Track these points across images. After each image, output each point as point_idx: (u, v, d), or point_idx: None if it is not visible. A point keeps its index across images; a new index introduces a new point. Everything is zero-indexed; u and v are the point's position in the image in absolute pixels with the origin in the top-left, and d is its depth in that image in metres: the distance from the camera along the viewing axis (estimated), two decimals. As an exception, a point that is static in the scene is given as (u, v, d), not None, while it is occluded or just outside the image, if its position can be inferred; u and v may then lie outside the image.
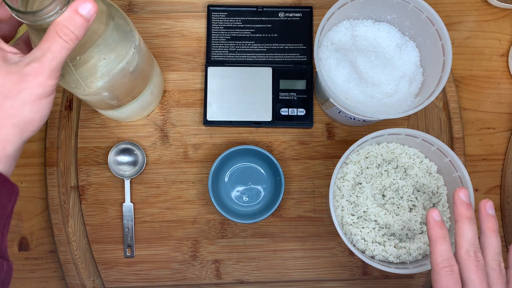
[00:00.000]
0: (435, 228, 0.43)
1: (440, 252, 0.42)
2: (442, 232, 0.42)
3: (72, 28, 0.35)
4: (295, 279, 0.61)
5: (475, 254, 0.41)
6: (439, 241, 0.42)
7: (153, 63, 0.56)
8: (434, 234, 0.43)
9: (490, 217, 0.43)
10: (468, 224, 0.42)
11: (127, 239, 0.60)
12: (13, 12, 0.35)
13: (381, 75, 0.55)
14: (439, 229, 0.43)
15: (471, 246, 0.41)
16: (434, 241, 0.42)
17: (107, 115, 0.59)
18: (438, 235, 0.42)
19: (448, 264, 0.41)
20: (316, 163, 0.62)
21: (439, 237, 0.42)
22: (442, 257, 0.41)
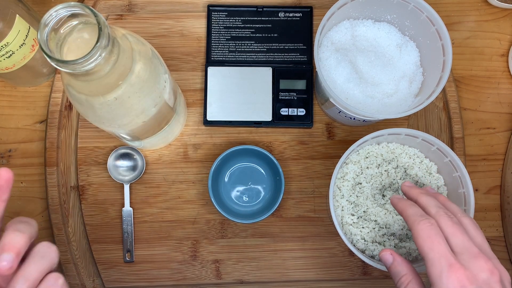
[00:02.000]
0: (400, 202, 0.43)
1: (412, 213, 0.41)
2: (408, 202, 0.43)
3: None
4: (295, 279, 0.61)
5: (445, 213, 0.41)
6: (407, 207, 0.42)
7: (178, 90, 0.56)
8: (401, 206, 0.43)
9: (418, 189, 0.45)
10: (425, 196, 0.43)
11: (126, 244, 0.60)
12: (52, 62, 0.35)
13: (381, 75, 0.55)
14: (404, 201, 0.43)
15: (439, 208, 0.41)
16: (403, 209, 0.42)
17: (132, 145, 0.60)
18: (405, 204, 0.43)
19: (423, 217, 0.40)
20: (316, 163, 0.62)
21: (407, 205, 0.42)
22: (415, 215, 0.41)
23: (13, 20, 0.52)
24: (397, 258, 0.43)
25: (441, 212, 0.41)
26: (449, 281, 0.37)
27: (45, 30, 0.36)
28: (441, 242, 0.39)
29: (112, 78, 0.39)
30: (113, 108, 0.42)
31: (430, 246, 0.38)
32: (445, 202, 0.44)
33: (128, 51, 0.40)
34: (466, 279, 0.37)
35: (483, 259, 0.38)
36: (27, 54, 0.56)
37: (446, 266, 0.37)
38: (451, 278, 0.37)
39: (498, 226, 0.62)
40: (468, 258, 0.38)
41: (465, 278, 0.37)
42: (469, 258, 0.38)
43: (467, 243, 0.39)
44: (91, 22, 0.38)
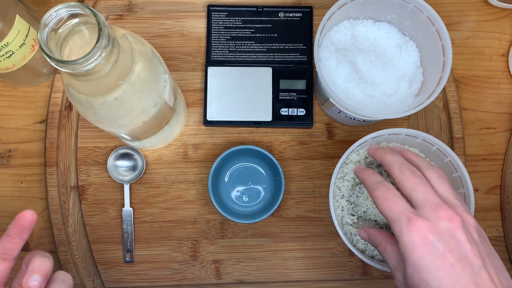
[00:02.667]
0: (362, 172, 0.44)
1: (371, 181, 0.42)
2: (369, 171, 0.44)
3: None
4: (295, 279, 0.61)
5: (408, 168, 0.41)
6: (368, 175, 0.43)
7: (178, 90, 0.56)
8: (362, 175, 0.44)
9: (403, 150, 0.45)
10: (389, 153, 0.43)
11: (126, 244, 0.60)
12: (52, 62, 0.35)
13: (381, 75, 0.56)
14: (365, 170, 0.44)
15: (401, 164, 0.42)
16: (364, 178, 0.43)
17: (132, 145, 0.60)
18: (366, 173, 0.44)
19: (380, 185, 0.41)
20: (316, 163, 0.62)
21: (367, 174, 0.43)
22: (374, 183, 0.42)
23: (13, 20, 0.52)
24: (370, 231, 0.45)
25: (404, 168, 0.41)
26: (410, 235, 0.37)
27: (45, 30, 0.36)
28: (398, 201, 0.39)
29: (112, 78, 0.39)
30: (113, 108, 0.42)
31: (388, 207, 0.39)
32: (412, 157, 0.44)
33: (128, 51, 0.40)
34: (426, 229, 0.37)
35: (442, 208, 0.38)
36: (27, 54, 0.56)
37: (405, 221, 0.38)
38: (411, 231, 0.37)
39: (498, 226, 0.62)
40: (429, 210, 0.38)
41: (424, 229, 0.37)
42: (429, 210, 0.38)
43: (428, 196, 0.39)
44: (91, 22, 0.37)
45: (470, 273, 0.36)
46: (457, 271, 0.36)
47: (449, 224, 0.37)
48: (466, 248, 0.37)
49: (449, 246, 0.37)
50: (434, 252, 0.37)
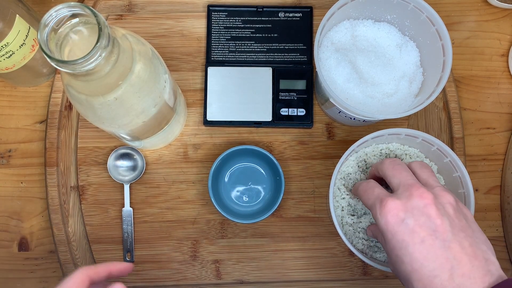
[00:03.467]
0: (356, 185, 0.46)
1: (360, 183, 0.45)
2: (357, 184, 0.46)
3: None
4: (295, 279, 0.61)
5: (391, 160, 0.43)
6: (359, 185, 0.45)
7: (178, 90, 0.56)
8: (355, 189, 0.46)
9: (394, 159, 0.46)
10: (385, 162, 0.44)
11: (126, 244, 0.60)
12: (52, 62, 0.35)
13: (381, 75, 0.56)
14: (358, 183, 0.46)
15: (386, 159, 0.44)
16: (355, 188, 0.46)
17: (132, 145, 0.60)
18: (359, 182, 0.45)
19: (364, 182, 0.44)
20: (316, 163, 0.62)
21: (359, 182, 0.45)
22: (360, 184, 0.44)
23: (13, 20, 0.52)
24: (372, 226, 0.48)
25: (385, 160, 0.44)
26: (382, 216, 0.39)
27: (45, 30, 0.36)
28: (375, 189, 0.41)
29: (112, 78, 0.39)
30: (113, 108, 0.42)
31: (366, 197, 0.42)
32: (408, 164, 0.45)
33: (128, 51, 0.40)
34: (396, 208, 0.39)
35: (413, 188, 0.39)
36: (27, 54, 0.56)
37: (379, 204, 0.40)
38: (383, 212, 0.39)
39: (498, 226, 0.62)
40: (402, 191, 0.40)
41: (394, 208, 0.39)
42: (402, 190, 0.40)
43: (404, 179, 0.40)
44: (91, 22, 0.38)
45: (440, 246, 0.37)
46: (427, 245, 0.37)
47: (419, 201, 0.38)
48: (437, 223, 0.38)
49: (419, 222, 0.38)
50: (405, 228, 0.38)
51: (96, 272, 0.42)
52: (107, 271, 0.43)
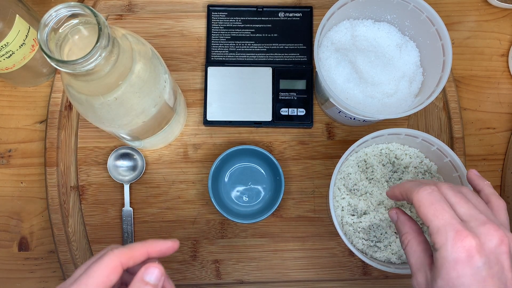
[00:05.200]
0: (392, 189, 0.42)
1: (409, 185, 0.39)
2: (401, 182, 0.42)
3: None
4: (295, 279, 0.61)
5: (446, 183, 0.39)
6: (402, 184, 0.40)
7: (178, 90, 0.56)
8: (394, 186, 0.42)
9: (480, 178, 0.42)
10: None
11: (126, 244, 0.60)
12: (52, 62, 0.35)
13: (381, 75, 0.56)
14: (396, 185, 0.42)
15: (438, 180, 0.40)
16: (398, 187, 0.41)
17: (132, 145, 0.60)
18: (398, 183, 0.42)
19: (423, 185, 0.38)
20: (316, 163, 0.62)
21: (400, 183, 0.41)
22: (414, 185, 0.39)
23: (13, 20, 0.52)
24: (401, 216, 0.42)
25: (441, 182, 0.39)
26: (455, 249, 0.34)
27: (45, 30, 0.36)
28: (446, 208, 0.36)
29: (112, 78, 0.39)
30: (113, 108, 0.42)
31: (434, 213, 0.36)
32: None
33: (128, 51, 0.40)
34: (474, 248, 0.34)
35: (492, 226, 0.35)
36: (27, 54, 0.56)
37: (453, 232, 0.34)
38: (457, 245, 0.34)
39: (498, 226, 0.62)
40: (477, 225, 0.35)
41: (472, 247, 0.34)
42: (477, 225, 0.35)
43: (473, 211, 0.36)
44: (91, 22, 0.38)
45: None
46: None
47: (498, 245, 0.35)
48: (508, 277, 0.35)
49: (492, 272, 0.34)
50: (476, 275, 0.34)
51: (131, 257, 0.35)
52: (145, 254, 0.36)
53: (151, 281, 0.33)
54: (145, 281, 0.33)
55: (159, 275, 0.33)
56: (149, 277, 0.33)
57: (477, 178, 0.42)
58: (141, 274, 0.33)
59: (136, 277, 0.33)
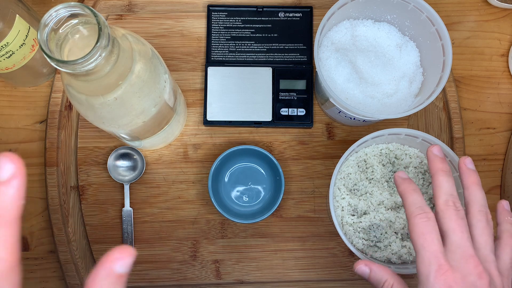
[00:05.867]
0: (403, 184, 0.42)
1: (412, 202, 0.40)
2: (411, 186, 0.41)
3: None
4: (295, 279, 0.61)
5: (454, 204, 0.40)
6: (409, 193, 0.41)
7: (178, 90, 0.56)
8: (403, 189, 0.42)
9: (471, 171, 0.43)
10: (444, 176, 0.41)
11: (126, 244, 0.60)
12: (52, 62, 0.35)
13: (381, 75, 0.56)
14: (407, 184, 0.42)
15: (450, 196, 0.40)
16: (404, 194, 0.41)
17: (132, 145, 0.60)
18: (408, 188, 0.41)
19: (421, 211, 0.39)
20: (316, 163, 0.62)
21: (409, 190, 0.41)
22: (415, 205, 0.40)
23: (13, 20, 0.52)
24: (373, 266, 0.42)
25: (450, 203, 0.40)
26: (436, 282, 0.37)
27: (45, 30, 0.36)
28: (434, 240, 0.38)
29: (112, 78, 0.39)
30: (113, 108, 0.42)
31: (422, 243, 0.38)
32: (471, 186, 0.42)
33: (128, 51, 0.40)
34: (453, 281, 0.37)
35: (473, 262, 0.37)
36: (27, 54, 0.56)
37: (435, 266, 0.37)
38: (438, 279, 0.37)
39: (498, 226, 0.62)
40: (460, 258, 0.38)
41: (451, 281, 0.37)
42: (460, 257, 0.38)
43: (464, 242, 0.38)
44: (91, 22, 0.37)
45: None
46: None
47: (477, 280, 0.37)
48: None
49: None
50: None
51: None
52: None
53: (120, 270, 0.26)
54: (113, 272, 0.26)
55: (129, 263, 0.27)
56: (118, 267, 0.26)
57: (502, 211, 0.43)
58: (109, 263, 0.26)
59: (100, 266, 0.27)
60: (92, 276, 0.26)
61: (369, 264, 0.43)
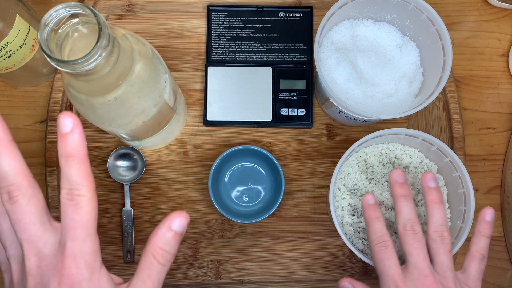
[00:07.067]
0: (368, 210, 0.46)
1: (374, 231, 0.45)
2: (375, 213, 0.45)
3: (169, 249, 0.33)
4: (295, 279, 0.61)
5: (412, 228, 0.44)
6: (372, 221, 0.45)
7: (178, 90, 0.56)
8: (368, 216, 0.46)
9: (431, 189, 0.46)
10: (402, 201, 0.45)
11: (126, 244, 0.60)
12: (52, 62, 0.35)
13: (381, 75, 0.56)
14: (372, 211, 0.46)
15: (408, 220, 0.44)
16: (368, 222, 0.45)
17: (132, 145, 0.60)
18: (372, 216, 0.45)
19: (381, 240, 0.44)
20: (316, 163, 0.62)
21: (372, 218, 0.45)
22: (375, 235, 0.44)
23: (13, 20, 0.52)
24: (357, 284, 0.47)
25: (408, 227, 0.44)
26: None
27: (45, 30, 0.36)
28: (392, 265, 0.43)
29: (112, 78, 0.39)
30: (113, 108, 0.42)
31: (382, 269, 0.43)
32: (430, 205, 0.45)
33: (128, 51, 0.40)
34: None
35: (429, 281, 0.42)
36: (27, 54, 0.56)
37: (393, 285, 0.42)
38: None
39: (498, 226, 0.62)
40: (416, 278, 0.42)
41: None
42: (417, 278, 0.42)
43: (420, 263, 0.42)
44: (91, 22, 0.37)
45: None
46: None
47: None
48: None
49: None
50: None
51: None
52: None
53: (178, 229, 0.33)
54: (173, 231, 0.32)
55: (184, 224, 0.33)
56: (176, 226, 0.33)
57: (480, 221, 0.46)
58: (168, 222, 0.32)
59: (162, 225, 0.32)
60: (154, 231, 0.32)
61: (353, 282, 0.47)
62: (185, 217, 0.33)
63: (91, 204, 0.30)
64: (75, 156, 0.30)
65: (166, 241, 0.32)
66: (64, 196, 0.30)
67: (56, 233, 0.31)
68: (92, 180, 0.30)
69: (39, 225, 0.30)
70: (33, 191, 0.32)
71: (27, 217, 0.30)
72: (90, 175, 0.31)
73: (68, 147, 0.30)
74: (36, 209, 0.31)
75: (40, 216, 0.31)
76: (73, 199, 0.30)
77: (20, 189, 0.31)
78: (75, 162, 0.30)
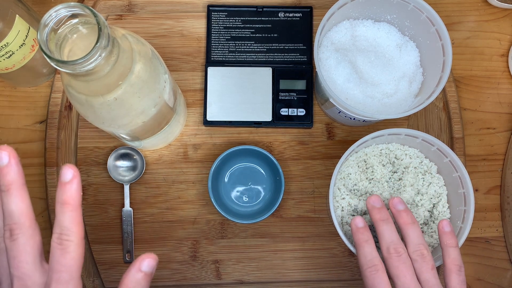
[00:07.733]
0: (358, 234, 0.46)
1: (363, 254, 0.45)
2: (364, 237, 0.45)
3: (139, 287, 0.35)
4: (295, 280, 0.61)
5: (395, 250, 0.44)
6: (361, 245, 0.45)
7: (178, 90, 0.56)
8: (357, 239, 0.46)
9: (401, 212, 0.46)
10: (383, 225, 0.46)
11: (126, 244, 0.60)
12: (52, 62, 0.35)
13: (381, 75, 0.56)
14: (361, 234, 0.46)
15: (390, 243, 0.44)
16: (358, 245, 0.45)
17: (132, 145, 0.60)
18: (361, 239, 0.45)
19: (371, 264, 0.44)
20: (316, 163, 0.62)
21: (362, 242, 0.45)
22: (365, 259, 0.44)
23: (13, 20, 0.52)
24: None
25: (391, 250, 0.44)
26: None
27: (45, 31, 0.36)
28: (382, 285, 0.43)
29: (112, 78, 0.39)
30: (113, 108, 0.42)
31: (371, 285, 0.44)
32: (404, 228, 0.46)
33: (128, 51, 0.40)
34: None
35: None
36: (27, 54, 0.56)
37: None
38: None
39: (498, 226, 0.62)
40: None
41: None
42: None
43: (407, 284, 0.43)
44: (91, 22, 0.37)
45: None
46: None
47: None
48: None
49: None
50: None
51: None
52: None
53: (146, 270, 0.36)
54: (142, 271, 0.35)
55: (152, 264, 0.36)
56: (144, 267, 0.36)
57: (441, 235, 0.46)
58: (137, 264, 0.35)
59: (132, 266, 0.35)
60: (126, 273, 0.35)
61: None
62: (153, 258, 0.36)
63: (78, 250, 0.33)
64: (70, 203, 0.32)
65: (137, 282, 0.35)
66: (54, 240, 0.32)
67: (45, 274, 0.33)
68: (82, 228, 0.33)
69: (31, 265, 0.33)
70: (33, 232, 0.33)
71: (22, 255, 0.32)
72: (80, 223, 0.33)
73: (65, 195, 0.32)
74: (31, 249, 0.33)
75: (33, 256, 0.33)
76: (62, 243, 0.32)
77: (21, 228, 0.33)
78: (69, 209, 0.32)
